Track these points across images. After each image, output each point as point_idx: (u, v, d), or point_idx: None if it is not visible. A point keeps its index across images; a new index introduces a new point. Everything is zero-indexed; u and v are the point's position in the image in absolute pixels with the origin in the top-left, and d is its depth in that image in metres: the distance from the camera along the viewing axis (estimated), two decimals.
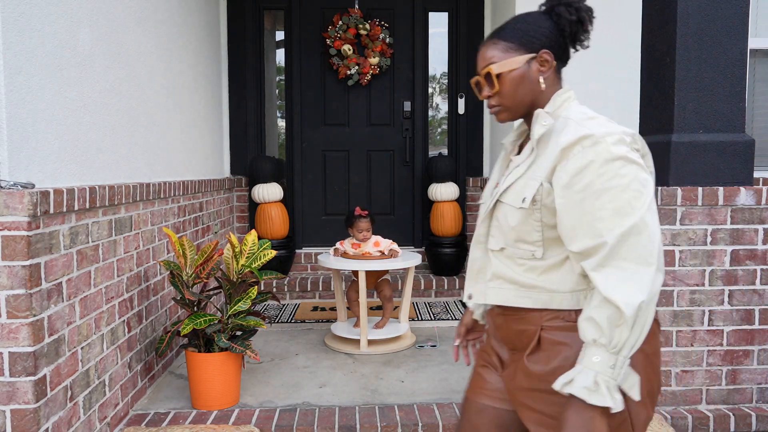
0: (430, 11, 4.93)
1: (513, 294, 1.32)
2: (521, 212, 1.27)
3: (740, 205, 2.51)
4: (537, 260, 1.29)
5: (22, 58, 1.82)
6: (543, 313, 1.28)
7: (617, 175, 1.17)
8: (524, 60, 1.30)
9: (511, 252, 1.32)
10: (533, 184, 1.26)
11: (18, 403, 1.79)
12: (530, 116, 1.35)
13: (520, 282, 1.31)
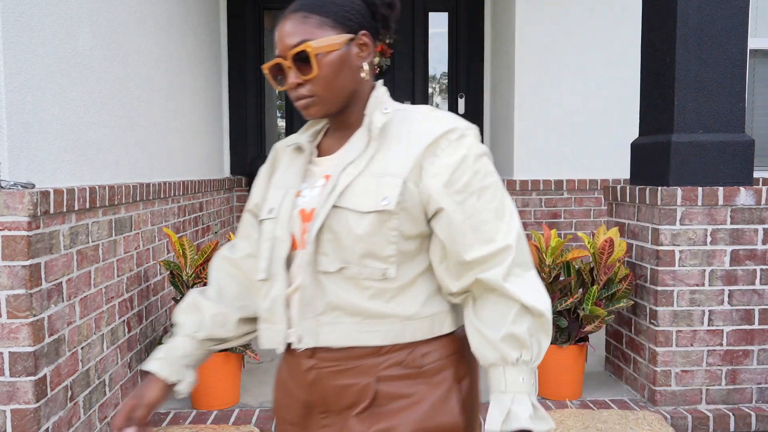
0: (430, 11, 4.93)
1: (356, 329, 1.03)
2: (372, 219, 1.00)
3: (740, 205, 2.51)
4: (387, 281, 1.03)
5: (22, 58, 1.82)
6: (383, 357, 1.04)
7: (489, 173, 1.07)
8: (344, 40, 1.06)
9: (354, 272, 1.02)
10: (392, 182, 1.01)
11: (18, 403, 1.79)
12: (344, 113, 1.10)
13: (367, 311, 1.03)
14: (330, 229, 1.02)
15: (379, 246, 1.01)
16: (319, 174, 1.10)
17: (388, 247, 1.02)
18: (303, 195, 1.09)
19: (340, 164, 1.06)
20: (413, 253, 1.05)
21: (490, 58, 4.83)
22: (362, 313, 1.03)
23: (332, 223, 1.02)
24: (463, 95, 4.90)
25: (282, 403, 1.22)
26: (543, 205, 4.20)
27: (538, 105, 4.17)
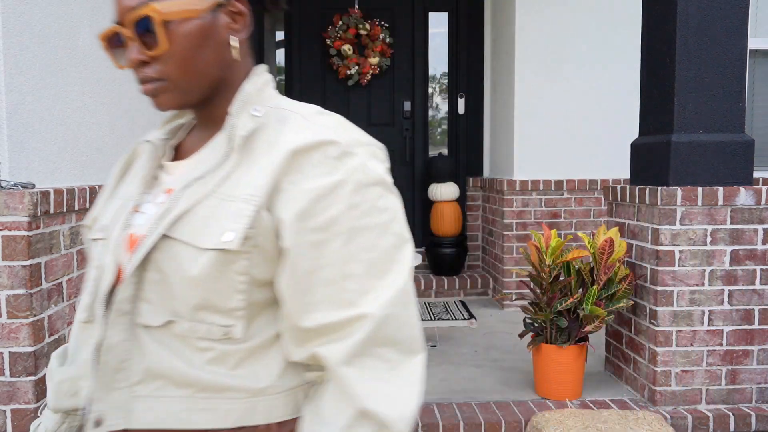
0: (430, 11, 4.93)
1: (185, 406, 0.75)
2: (212, 258, 0.72)
3: (740, 205, 2.52)
4: (232, 342, 0.76)
5: (22, 58, 1.82)
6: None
7: (375, 209, 0.75)
8: (207, 5, 0.78)
9: (185, 328, 0.75)
10: (243, 208, 0.73)
11: (18, 403, 1.79)
12: (208, 106, 0.83)
13: (200, 382, 0.75)
14: (156, 266, 0.74)
15: (219, 295, 0.73)
16: (164, 185, 0.82)
17: (233, 296, 0.74)
18: (142, 211, 0.81)
19: (185, 178, 0.78)
20: (269, 305, 0.77)
21: (490, 58, 4.83)
22: (194, 384, 0.75)
23: (159, 259, 0.74)
24: (463, 95, 4.90)
25: None
26: (543, 205, 4.20)
27: (538, 105, 4.17)
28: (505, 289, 4.21)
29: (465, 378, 2.90)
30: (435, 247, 4.64)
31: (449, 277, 4.61)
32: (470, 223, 4.94)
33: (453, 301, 4.47)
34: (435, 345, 3.43)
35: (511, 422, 2.42)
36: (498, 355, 3.25)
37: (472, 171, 4.94)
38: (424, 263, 4.83)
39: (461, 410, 2.51)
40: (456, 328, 3.81)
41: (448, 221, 4.62)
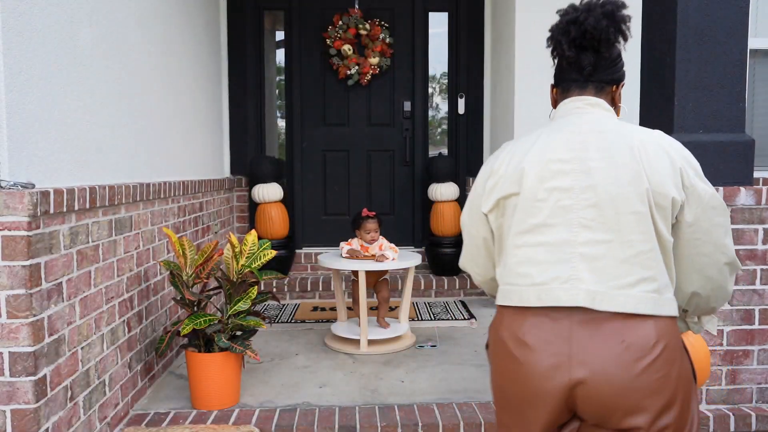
0: (430, 11, 4.93)
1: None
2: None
3: (740, 205, 2.51)
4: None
5: (22, 58, 1.82)
6: None
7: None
8: None
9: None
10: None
11: (18, 403, 1.79)
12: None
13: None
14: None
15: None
16: None
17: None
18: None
19: None
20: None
21: (490, 58, 4.83)
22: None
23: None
24: (463, 95, 4.90)
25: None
26: None
27: (538, 105, 4.16)
28: None
29: (465, 378, 2.90)
30: (435, 247, 4.63)
31: (449, 277, 4.61)
32: None
33: (453, 301, 4.47)
34: (435, 345, 3.43)
35: None
36: None
37: (472, 171, 4.94)
38: (424, 263, 4.83)
39: (461, 410, 2.51)
40: (456, 328, 3.80)
41: (448, 221, 4.62)
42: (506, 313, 1.38)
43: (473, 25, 4.85)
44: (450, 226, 4.63)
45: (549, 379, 1.28)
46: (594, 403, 1.27)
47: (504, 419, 1.41)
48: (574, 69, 1.44)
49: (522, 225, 1.36)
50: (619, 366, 1.24)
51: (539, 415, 1.31)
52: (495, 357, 1.40)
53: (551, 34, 1.44)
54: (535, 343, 1.30)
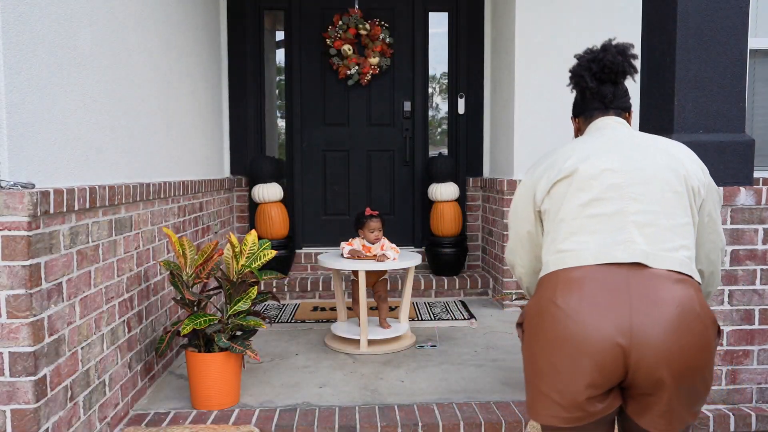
0: (430, 11, 4.93)
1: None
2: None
3: (740, 205, 2.51)
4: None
5: (22, 58, 1.82)
6: None
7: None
8: None
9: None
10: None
11: (18, 403, 1.79)
12: None
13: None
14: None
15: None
16: None
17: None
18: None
19: None
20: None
21: (490, 58, 4.83)
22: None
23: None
24: (463, 95, 4.90)
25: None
26: None
27: (538, 105, 4.17)
28: (505, 289, 4.21)
29: (465, 378, 2.90)
30: (435, 247, 4.63)
31: (449, 277, 4.61)
32: (470, 223, 4.94)
33: (453, 301, 4.47)
34: (435, 345, 3.43)
35: (511, 422, 2.42)
36: (498, 355, 3.25)
37: (472, 171, 4.94)
38: (424, 263, 4.83)
39: (461, 410, 2.51)
40: (456, 328, 3.80)
41: (448, 221, 4.62)
42: (560, 275, 1.46)
43: (473, 25, 4.85)
44: (450, 226, 4.63)
45: (610, 327, 1.36)
46: (650, 353, 1.34)
47: (544, 386, 1.43)
48: (596, 99, 1.72)
49: (576, 200, 1.51)
50: (673, 318, 1.36)
51: (592, 368, 1.36)
52: (545, 318, 1.43)
53: (572, 73, 1.76)
54: (596, 294, 1.38)
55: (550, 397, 1.42)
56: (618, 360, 1.36)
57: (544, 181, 1.59)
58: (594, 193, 1.49)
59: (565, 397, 1.39)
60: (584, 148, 1.58)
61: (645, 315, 1.35)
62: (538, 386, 1.44)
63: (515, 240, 1.73)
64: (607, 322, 1.36)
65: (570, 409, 1.39)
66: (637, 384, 1.39)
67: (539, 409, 1.45)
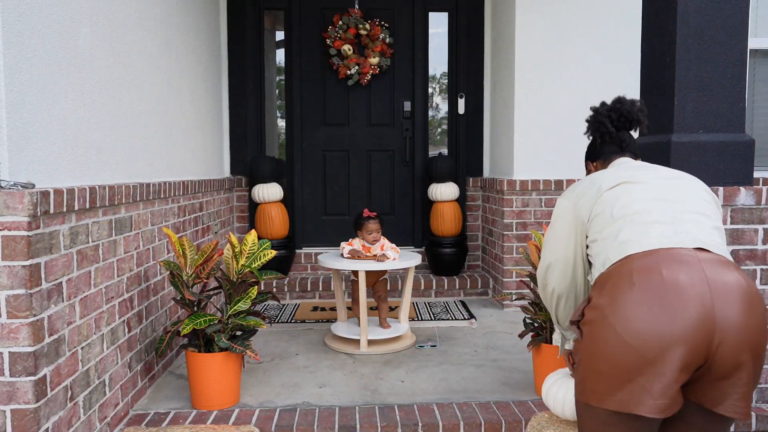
0: (430, 11, 4.93)
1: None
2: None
3: (740, 205, 2.51)
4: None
5: (22, 58, 1.82)
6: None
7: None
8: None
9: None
10: None
11: (18, 403, 1.79)
12: None
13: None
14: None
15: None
16: None
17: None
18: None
19: None
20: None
21: (490, 58, 4.83)
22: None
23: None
24: (463, 95, 4.90)
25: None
26: (543, 205, 4.20)
27: (538, 105, 4.17)
28: (505, 289, 4.21)
29: (465, 378, 2.90)
30: (435, 247, 4.63)
31: (449, 277, 4.61)
32: (470, 223, 4.94)
33: (453, 301, 4.47)
34: (435, 345, 3.43)
35: (511, 422, 2.42)
36: (498, 355, 3.25)
37: (472, 171, 4.94)
38: (424, 263, 4.83)
39: (461, 410, 2.51)
40: (456, 328, 3.80)
41: (448, 221, 4.62)
42: (634, 262, 1.48)
43: (473, 25, 4.85)
44: (450, 226, 4.63)
45: (696, 308, 1.37)
46: (732, 334, 1.37)
47: (630, 375, 1.40)
48: (615, 143, 1.91)
49: (631, 200, 1.61)
50: (744, 300, 1.41)
51: (684, 352, 1.37)
52: (626, 306, 1.42)
53: (592, 120, 1.94)
54: (677, 276, 1.41)
55: (639, 385, 1.39)
56: (704, 342, 1.37)
57: (588, 195, 1.70)
58: (647, 195, 1.61)
59: (658, 382, 1.38)
60: (623, 170, 1.73)
61: (722, 295, 1.39)
62: (621, 376, 1.41)
63: (565, 267, 1.78)
64: (692, 302, 1.37)
65: (659, 396, 1.38)
66: (715, 368, 1.40)
67: (621, 397, 1.41)
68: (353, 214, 4.81)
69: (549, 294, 1.83)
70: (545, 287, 1.84)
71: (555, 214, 1.79)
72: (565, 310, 1.83)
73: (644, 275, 1.43)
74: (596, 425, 1.50)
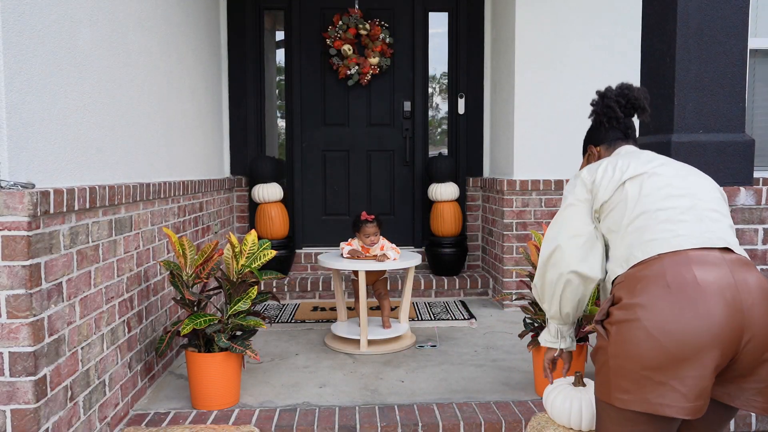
0: (430, 11, 4.93)
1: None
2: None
3: (740, 205, 2.51)
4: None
5: (22, 58, 1.82)
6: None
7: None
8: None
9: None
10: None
11: (18, 403, 1.79)
12: None
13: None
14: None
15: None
16: None
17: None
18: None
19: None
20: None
21: (490, 58, 4.83)
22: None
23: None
24: (463, 95, 4.90)
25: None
26: (543, 205, 4.20)
27: (538, 105, 4.17)
28: (505, 289, 4.21)
29: (465, 378, 2.90)
30: (435, 247, 4.63)
31: (449, 277, 4.61)
32: (470, 223, 4.94)
33: (453, 301, 4.47)
34: (435, 345, 3.43)
35: (511, 422, 2.42)
36: (498, 355, 3.25)
37: (472, 171, 4.94)
38: (424, 263, 4.83)
39: (461, 410, 2.51)
40: (456, 328, 3.80)
41: (448, 221, 4.62)
42: (665, 261, 1.46)
43: (473, 25, 4.85)
44: (450, 226, 4.63)
45: (729, 308, 1.39)
46: (760, 332, 1.40)
47: (651, 383, 1.40)
48: (620, 129, 1.88)
49: (655, 195, 1.59)
50: (765, 299, 1.43)
51: (718, 351, 1.38)
52: (661, 306, 1.41)
53: (599, 104, 1.89)
54: (708, 277, 1.41)
55: (671, 387, 1.38)
56: (735, 342, 1.39)
57: (607, 179, 1.66)
58: (669, 190, 1.59)
59: (695, 385, 1.38)
60: (638, 160, 1.69)
61: (748, 297, 1.41)
62: (654, 378, 1.40)
63: (585, 244, 1.69)
64: (724, 304, 1.38)
65: (695, 398, 1.38)
66: (737, 366, 1.42)
67: (653, 399, 1.40)
68: (353, 214, 4.81)
69: (553, 280, 1.74)
70: (545, 275, 1.76)
71: (569, 193, 1.74)
72: (571, 298, 1.74)
73: (678, 277, 1.43)
74: (619, 426, 1.49)
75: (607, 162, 1.72)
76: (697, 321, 1.37)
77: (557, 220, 1.76)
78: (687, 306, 1.39)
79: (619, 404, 1.45)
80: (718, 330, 1.37)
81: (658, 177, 1.63)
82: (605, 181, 1.67)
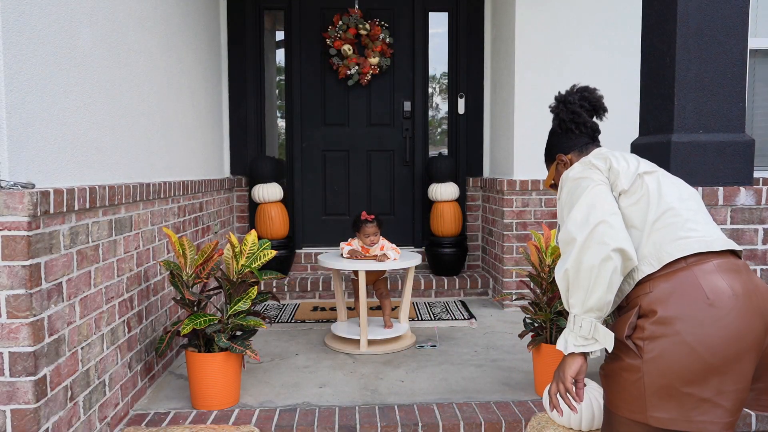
0: (430, 11, 4.93)
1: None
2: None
3: (740, 205, 2.51)
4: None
5: (22, 58, 1.82)
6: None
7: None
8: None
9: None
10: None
11: (18, 403, 1.79)
12: None
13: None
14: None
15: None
16: None
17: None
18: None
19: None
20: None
21: (490, 58, 4.83)
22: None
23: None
24: (463, 95, 4.90)
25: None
26: (543, 205, 4.20)
27: (538, 105, 4.17)
28: (505, 289, 4.21)
29: (465, 378, 2.90)
30: (435, 247, 4.63)
31: (449, 277, 4.61)
32: (470, 223, 4.94)
33: (453, 301, 4.47)
34: (435, 345, 3.43)
35: (511, 422, 2.42)
36: (498, 355, 3.25)
37: (472, 171, 4.94)
38: (424, 263, 4.83)
39: (461, 410, 2.51)
40: (456, 328, 3.80)
41: (448, 221, 4.62)
42: (683, 272, 1.45)
43: (473, 25, 4.85)
44: (450, 226, 4.63)
45: (759, 316, 1.40)
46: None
47: (693, 400, 1.36)
48: (586, 134, 1.86)
49: (673, 193, 1.59)
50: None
51: (751, 361, 1.39)
52: (697, 324, 1.37)
53: (564, 111, 1.88)
54: (735, 283, 1.42)
55: (713, 402, 1.35)
56: (762, 346, 1.40)
57: (623, 168, 1.63)
58: (677, 191, 1.60)
59: (737, 399, 1.37)
60: (633, 156, 1.70)
61: (764, 299, 1.44)
62: (697, 394, 1.36)
63: (618, 225, 1.50)
64: (754, 309, 1.40)
65: (734, 411, 1.37)
66: (756, 370, 1.45)
67: (696, 417, 1.35)
68: (353, 214, 4.81)
69: (594, 262, 1.46)
70: (581, 259, 1.47)
71: (587, 178, 1.62)
72: (616, 282, 1.47)
73: (714, 288, 1.40)
74: None
75: (607, 152, 1.72)
76: (735, 332, 1.36)
77: (584, 202, 1.54)
78: (725, 317, 1.37)
79: (657, 424, 1.39)
80: (754, 337, 1.37)
81: (665, 177, 1.62)
82: (623, 169, 1.61)
